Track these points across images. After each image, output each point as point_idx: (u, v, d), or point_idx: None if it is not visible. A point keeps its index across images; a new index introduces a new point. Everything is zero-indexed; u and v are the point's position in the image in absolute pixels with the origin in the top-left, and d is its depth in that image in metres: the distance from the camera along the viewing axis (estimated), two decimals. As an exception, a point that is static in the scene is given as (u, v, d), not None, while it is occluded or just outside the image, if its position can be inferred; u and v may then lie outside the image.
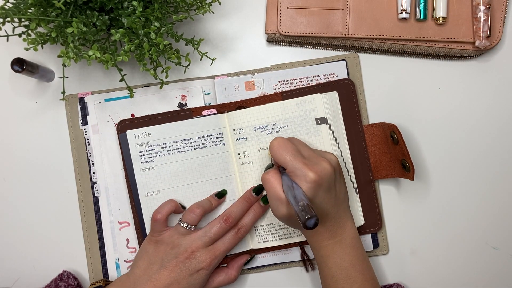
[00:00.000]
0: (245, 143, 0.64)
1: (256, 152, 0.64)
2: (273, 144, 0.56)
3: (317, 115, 0.63)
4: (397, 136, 0.62)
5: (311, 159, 0.55)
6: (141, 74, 0.67)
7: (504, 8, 0.65)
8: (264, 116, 0.64)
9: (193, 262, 0.58)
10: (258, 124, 0.64)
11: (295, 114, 0.63)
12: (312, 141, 0.63)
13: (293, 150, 0.55)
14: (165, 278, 0.57)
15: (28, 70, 0.61)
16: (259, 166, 0.63)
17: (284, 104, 0.64)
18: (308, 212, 0.49)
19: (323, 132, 0.63)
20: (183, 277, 0.58)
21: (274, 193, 0.55)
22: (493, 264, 0.67)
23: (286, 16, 0.65)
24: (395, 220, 0.67)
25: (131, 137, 0.63)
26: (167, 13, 0.59)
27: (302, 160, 0.54)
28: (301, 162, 0.54)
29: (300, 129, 0.63)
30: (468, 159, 0.67)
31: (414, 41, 0.65)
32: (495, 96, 0.67)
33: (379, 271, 0.66)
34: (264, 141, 0.64)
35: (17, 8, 0.54)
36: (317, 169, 0.53)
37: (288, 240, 0.64)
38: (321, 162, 0.55)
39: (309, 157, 0.55)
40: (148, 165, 0.63)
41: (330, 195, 0.55)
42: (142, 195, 0.63)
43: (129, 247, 0.65)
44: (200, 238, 0.59)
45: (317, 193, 0.53)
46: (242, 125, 0.64)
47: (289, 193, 0.53)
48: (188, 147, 0.64)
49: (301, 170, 0.53)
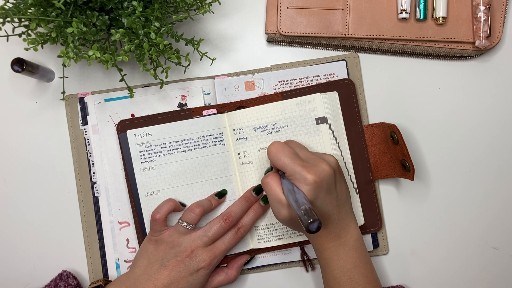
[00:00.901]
0: (245, 143, 0.64)
1: (256, 152, 0.64)
2: (270, 149, 0.56)
3: (317, 114, 0.63)
4: (397, 136, 0.62)
5: (309, 161, 0.55)
6: (141, 74, 0.67)
7: (504, 8, 0.65)
8: (264, 116, 0.64)
9: (193, 261, 0.58)
10: (258, 124, 0.64)
11: (295, 114, 0.63)
12: (312, 141, 0.63)
13: (290, 153, 0.55)
14: (165, 278, 0.57)
15: (28, 70, 0.61)
16: (259, 166, 0.63)
17: (284, 104, 0.64)
18: (311, 216, 0.49)
19: (323, 132, 0.63)
20: (183, 277, 0.58)
21: (275, 196, 0.55)
22: (493, 264, 0.67)
23: (286, 16, 0.65)
24: (395, 220, 0.67)
25: (131, 137, 0.63)
26: (167, 13, 0.59)
27: (301, 163, 0.54)
28: (300, 165, 0.54)
29: (300, 129, 0.63)
30: (468, 159, 0.67)
31: (414, 41, 0.65)
32: (495, 96, 0.67)
33: (379, 271, 0.66)
34: (264, 141, 0.64)
35: (17, 8, 0.54)
36: (316, 170, 0.53)
37: (289, 240, 0.64)
38: (320, 164, 0.55)
39: (308, 159, 0.55)
40: (148, 165, 0.63)
41: (331, 196, 0.55)
42: (142, 195, 0.63)
43: (129, 247, 0.65)
44: (200, 238, 0.59)
45: (318, 194, 0.53)
46: (242, 125, 0.64)
47: (290, 196, 0.53)
48: (188, 147, 0.64)
49: (300, 173, 0.53)
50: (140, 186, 0.63)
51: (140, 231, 0.64)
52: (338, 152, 0.64)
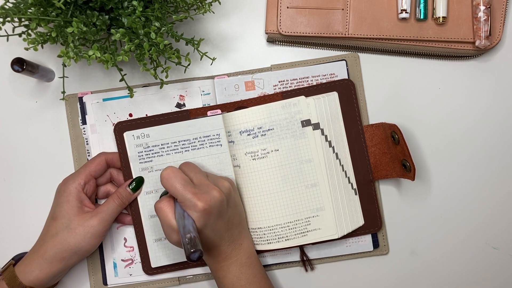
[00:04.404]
0: (233, 146, 0.64)
1: (242, 156, 0.63)
2: (163, 175, 0.56)
3: (302, 117, 0.63)
4: (398, 136, 0.62)
5: (201, 187, 0.56)
6: (141, 74, 0.67)
7: (504, 8, 0.65)
8: (250, 119, 0.63)
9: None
10: (244, 127, 0.63)
11: (280, 117, 0.63)
12: (298, 144, 0.63)
13: (182, 180, 0.55)
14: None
15: (28, 70, 0.61)
16: (246, 171, 0.63)
17: (270, 107, 0.63)
18: (193, 246, 0.51)
19: (308, 134, 0.63)
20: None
21: (166, 221, 0.56)
22: (493, 264, 0.67)
23: (286, 16, 0.65)
24: (395, 220, 0.67)
25: (130, 138, 0.63)
26: (167, 13, 0.59)
27: (192, 190, 0.55)
28: (191, 192, 0.54)
29: (286, 132, 0.63)
30: (468, 159, 0.67)
31: (414, 41, 0.65)
32: (495, 96, 0.67)
33: (379, 271, 0.66)
34: (250, 145, 0.63)
35: (17, 8, 0.54)
36: (206, 198, 0.54)
37: (287, 243, 0.63)
38: (211, 191, 0.55)
39: (200, 185, 0.56)
40: (146, 165, 0.63)
41: (222, 221, 0.56)
42: (141, 194, 0.63)
43: (127, 246, 0.65)
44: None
45: (208, 221, 0.55)
46: (229, 129, 0.64)
47: (180, 222, 0.54)
48: (185, 148, 0.64)
49: (190, 201, 0.54)
50: (139, 185, 0.63)
51: (138, 230, 0.64)
52: (331, 154, 0.63)
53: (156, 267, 0.64)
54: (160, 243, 0.63)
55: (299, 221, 0.63)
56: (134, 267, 0.65)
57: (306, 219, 0.63)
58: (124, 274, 0.65)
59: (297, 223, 0.63)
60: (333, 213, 0.63)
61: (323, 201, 0.63)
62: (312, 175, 0.63)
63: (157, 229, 0.63)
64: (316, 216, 0.63)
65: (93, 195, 0.63)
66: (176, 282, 0.65)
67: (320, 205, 0.63)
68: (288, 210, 0.63)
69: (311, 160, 0.63)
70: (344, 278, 0.67)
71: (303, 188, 0.63)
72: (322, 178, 0.63)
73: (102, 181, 0.64)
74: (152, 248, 0.63)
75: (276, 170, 0.63)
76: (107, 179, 0.64)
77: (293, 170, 0.63)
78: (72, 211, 0.59)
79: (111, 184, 0.65)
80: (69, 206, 0.59)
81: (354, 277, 0.67)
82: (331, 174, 0.63)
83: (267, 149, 0.63)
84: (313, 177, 0.63)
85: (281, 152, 0.63)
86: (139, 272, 0.65)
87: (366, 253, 0.66)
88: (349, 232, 0.64)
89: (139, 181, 0.63)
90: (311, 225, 0.63)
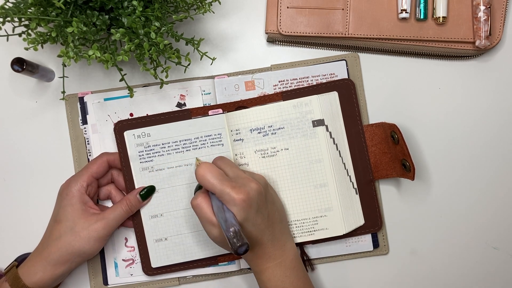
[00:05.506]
0: (242, 144, 0.64)
1: (252, 153, 0.64)
2: (198, 172, 0.55)
3: (314, 117, 0.63)
4: (397, 136, 0.62)
5: (238, 180, 0.55)
6: (141, 74, 0.67)
7: (504, 8, 0.65)
8: (261, 117, 0.64)
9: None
10: (255, 125, 0.63)
11: (291, 116, 0.63)
12: (309, 144, 0.63)
13: (219, 174, 0.55)
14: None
15: (28, 70, 0.61)
16: (255, 168, 0.63)
17: (281, 106, 0.63)
18: (240, 239, 0.50)
19: (319, 134, 0.63)
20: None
21: (206, 217, 0.55)
22: (493, 264, 0.67)
23: (286, 16, 0.65)
24: (395, 220, 0.67)
25: (130, 138, 0.63)
26: (167, 13, 0.59)
27: (229, 183, 0.54)
28: (229, 186, 0.54)
29: (297, 131, 0.63)
30: (468, 159, 0.67)
31: (414, 41, 0.65)
32: (495, 96, 0.67)
33: (379, 271, 0.66)
34: (261, 143, 0.63)
35: (17, 7, 0.54)
36: (245, 190, 0.54)
37: None
38: (249, 183, 0.55)
39: (236, 178, 0.56)
40: (147, 165, 0.63)
41: (262, 215, 0.55)
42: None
43: (128, 246, 0.65)
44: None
45: (248, 214, 0.54)
46: (239, 126, 0.64)
47: (219, 215, 0.53)
48: (186, 147, 0.63)
49: (229, 194, 0.53)
50: (139, 185, 0.63)
51: (139, 230, 0.64)
52: (336, 154, 0.64)
53: (156, 267, 0.64)
54: (160, 244, 0.63)
55: (307, 220, 0.63)
56: (135, 267, 0.65)
57: (314, 219, 0.63)
58: (125, 274, 0.65)
59: (305, 221, 0.63)
60: (341, 214, 0.63)
61: (331, 201, 0.63)
62: (321, 176, 0.63)
63: (158, 230, 0.63)
64: (324, 216, 0.63)
65: (95, 196, 0.63)
66: (176, 282, 0.65)
67: (329, 205, 0.63)
68: (296, 209, 0.63)
69: (321, 160, 0.63)
70: (344, 278, 0.67)
71: (312, 188, 0.63)
72: (331, 178, 0.63)
73: (103, 182, 0.64)
74: (152, 249, 0.63)
75: (285, 168, 0.63)
76: (109, 180, 0.64)
77: (302, 170, 0.63)
78: (76, 214, 0.59)
79: (113, 185, 0.65)
80: (73, 209, 0.59)
81: (354, 277, 0.67)
82: (337, 173, 0.63)
83: (277, 148, 0.63)
84: (322, 178, 0.63)
85: (291, 151, 0.63)
86: (140, 272, 0.64)
87: (366, 253, 0.66)
88: (350, 231, 0.64)
89: (150, 189, 0.62)
90: (319, 225, 0.63)
